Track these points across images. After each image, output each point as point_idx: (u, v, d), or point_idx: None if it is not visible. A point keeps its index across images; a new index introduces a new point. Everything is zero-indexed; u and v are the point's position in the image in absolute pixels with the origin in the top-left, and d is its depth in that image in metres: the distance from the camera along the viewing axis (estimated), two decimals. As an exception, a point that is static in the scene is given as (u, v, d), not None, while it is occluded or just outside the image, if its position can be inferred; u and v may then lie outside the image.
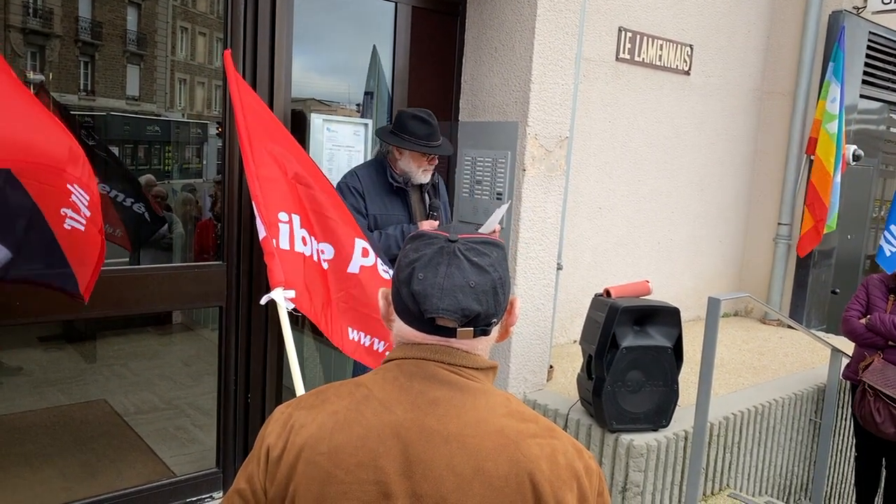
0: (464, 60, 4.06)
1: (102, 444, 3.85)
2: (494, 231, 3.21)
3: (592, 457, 1.13)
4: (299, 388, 2.16)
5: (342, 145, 3.71)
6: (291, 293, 2.17)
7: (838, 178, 5.56)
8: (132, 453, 3.73)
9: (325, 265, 2.48)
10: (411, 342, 1.10)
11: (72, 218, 2.17)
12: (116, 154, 7.28)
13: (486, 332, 1.10)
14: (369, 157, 3.90)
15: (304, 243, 2.34)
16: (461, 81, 4.07)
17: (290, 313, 2.20)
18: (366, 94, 3.97)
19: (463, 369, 1.08)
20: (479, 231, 2.56)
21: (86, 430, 4.01)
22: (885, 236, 5.34)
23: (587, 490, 1.07)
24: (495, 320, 1.10)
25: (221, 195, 3.25)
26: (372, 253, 2.48)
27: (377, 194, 3.12)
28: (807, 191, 5.67)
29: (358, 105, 3.99)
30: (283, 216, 2.29)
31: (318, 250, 2.43)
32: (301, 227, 2.34)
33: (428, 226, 3.09)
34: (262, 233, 2.23)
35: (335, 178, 3.61)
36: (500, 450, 1.03)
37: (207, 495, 3.27)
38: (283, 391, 3.48)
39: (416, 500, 1.01)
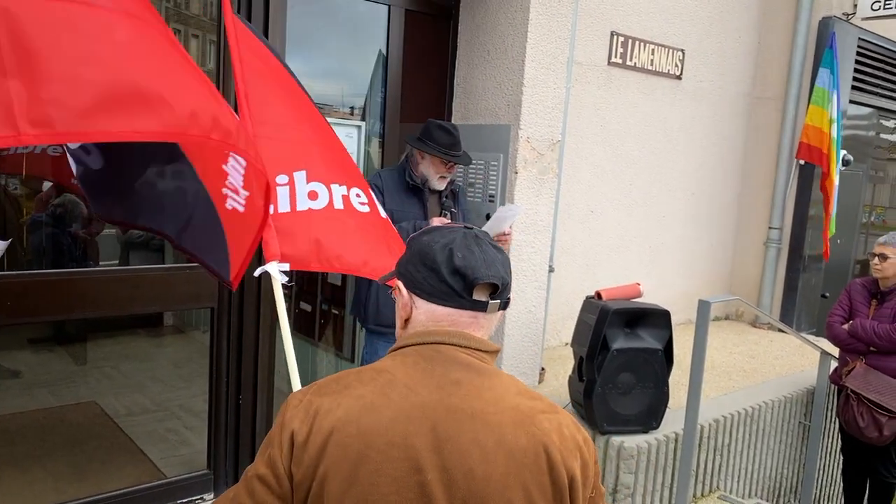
0: (457, 63, 4.07)
1: (92, 445, 3.83)
2: (506, 235, 3.26)
3: (585, 430, 1.27)
4: (294, 372, 2.13)
5: (335, 147, 3.72)
6: (286, 266, 2.13)
7: (837, 181, 5.54)
8: (122, 455, 3.71)
9: (366, 208, 2.37)
10: (427, 329, 1.20)
11: (232, 198, 2.05)
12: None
13: (506, 306, 1.25)
14: (362, 159, 3.92)
15: (314, 198, 2.22)
16: (454, 84, 4.09)
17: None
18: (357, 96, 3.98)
19: (476, 352, 1.20)
20: (483, 228, 2.60)
21: (76, 432, 3.99)
22: None
23: (587, 458, 1.20)
24: (510, 296, 1.25)
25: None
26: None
27: (396, 192, 3.28)
28: (825, 196, 5.58)
29: (351, 108, 4.00)
30: (281, 179, 2.18)
31: (342, 196, 2.31)
32: (308, 181, 2.23)
33: (439, 221, 3.21)
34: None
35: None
36: (518, 424, 1.14)
37: (198, 497, 3.26)
38: (274, 393, 3.47)
39: (444, 472, 1.09)
